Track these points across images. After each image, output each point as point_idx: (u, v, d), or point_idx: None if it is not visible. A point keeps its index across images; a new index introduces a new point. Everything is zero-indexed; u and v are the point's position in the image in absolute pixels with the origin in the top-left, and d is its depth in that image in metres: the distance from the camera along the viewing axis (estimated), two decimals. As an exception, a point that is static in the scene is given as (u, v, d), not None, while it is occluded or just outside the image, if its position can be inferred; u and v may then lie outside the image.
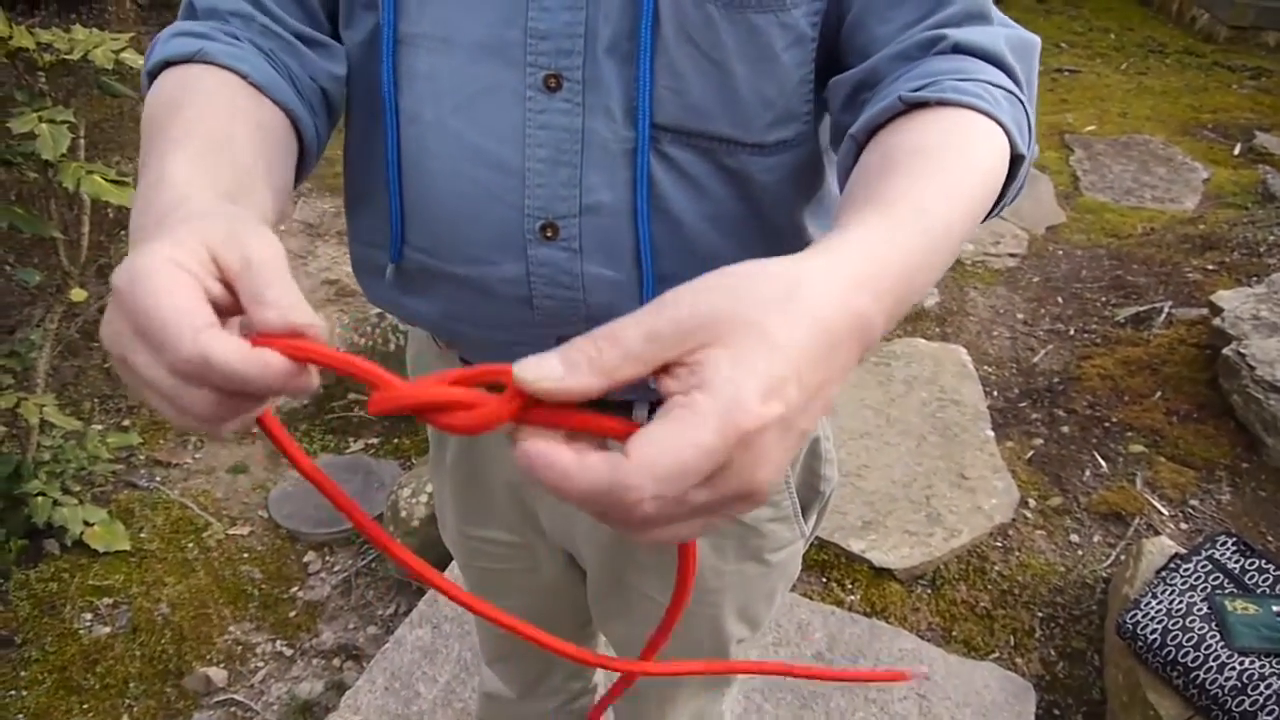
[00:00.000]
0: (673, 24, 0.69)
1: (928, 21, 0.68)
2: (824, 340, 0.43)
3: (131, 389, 0.48)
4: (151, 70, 0.68)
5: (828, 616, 2.07)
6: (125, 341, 0.45)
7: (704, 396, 0.40)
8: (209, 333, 0.44)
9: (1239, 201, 4.05)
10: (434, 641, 2.00)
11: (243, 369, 0.43)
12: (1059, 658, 2.05)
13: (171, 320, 0.43)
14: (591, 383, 0.41)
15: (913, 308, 0.52)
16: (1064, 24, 6.85)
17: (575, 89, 0.71)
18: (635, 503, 0.40)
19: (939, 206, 0.54)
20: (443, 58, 0.73)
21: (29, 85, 1.97)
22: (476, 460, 1.01)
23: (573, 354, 0.42)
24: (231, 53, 0.68)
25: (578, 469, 0.40)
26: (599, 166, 0.73)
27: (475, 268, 0.77)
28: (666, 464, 0.39)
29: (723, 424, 0.40)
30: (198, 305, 0.45)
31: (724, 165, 0.75)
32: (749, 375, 0.41)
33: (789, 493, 0.95)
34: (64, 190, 1.96)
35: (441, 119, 0.74)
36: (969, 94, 0.61)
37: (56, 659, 2.04)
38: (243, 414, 0.47)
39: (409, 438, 2.71)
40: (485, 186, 0.75)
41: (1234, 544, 1.96)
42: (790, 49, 0.71)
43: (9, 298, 2.86)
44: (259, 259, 0.47)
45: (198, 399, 0.45)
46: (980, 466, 2.49)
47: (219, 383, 0.44)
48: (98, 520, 2.28)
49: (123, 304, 0.45)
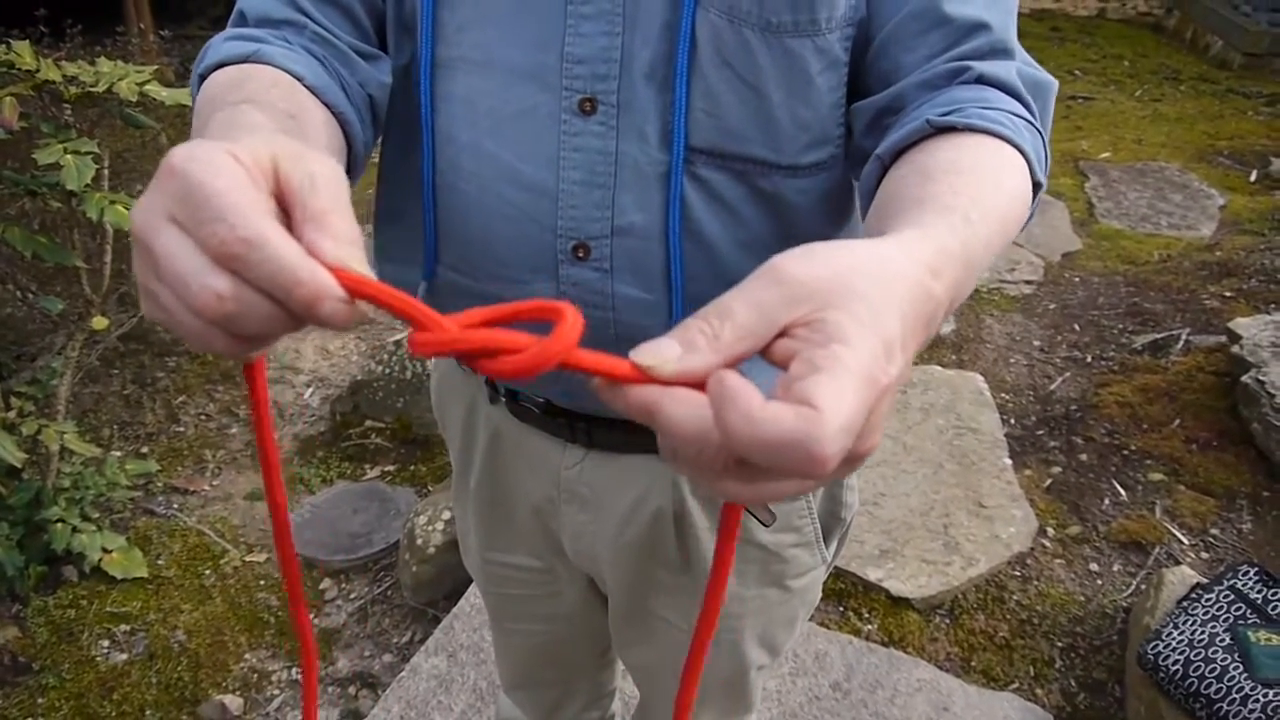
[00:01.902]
0: (710, 49, 0.70)
1: (953, 52, 0.69)
2: (910, 313, 0.44)
3: (141, 284, 0.44)
4: (203, 72, 0.68)
5: (845, 646, 2.06)
6: (157, 222, 0.42)
7: (845, 350, 0.39)
8: (270, 219, 0.41)
9: (1256, 228, 4.03)
10: (449, 670, 1.99)
11: (294, 266, 0.40)
12: (1080, 688, 2.03)
13: (231, 196, 0.40)
14: (711, 360, 0.41)
15: (957, 307, 0.54)
16: (1078, 51, 6.87)
17: (610, 112, 0.73)
18: (825, 459, 0.37)
19: (980, 221, 0.55)
20: (480, 81, 0.75)
21: (55, 117, 2.00)
22: (500, 484, 1.02)
23: (688, 334, 0.41)
24: (287, 55, 0.68)
25: (771, 415, 0.38)
26: (631, 189, 0.74)
27: (507, 286, 0.79)
28: (847, 414, 0.38)
29: (869, 377, 0.39)
30: (258, 192, 0.42)
31: (758, 188, 0.76)
32: (875, 334, 0.41)
33: (811, 518, 0.96)
34: (87, 220, 1.98)
35: (477, 141, 0.76)
36: (994, 121, 0.63)
37: (74, 686, 2.04)
38: (253, 332, 0.42)
39: (425, 465, 2.72)
40: (519, 207, 0.76)
41: (1256, 574, 1.94)
42: (825, 73, 0.72)
43: (31, 325, 2.89)
44: (324, 179, 0.44)
45: (220, 289, 0.40)
46: (998, 495, 2.47)
47: (257, 276, 0.40)
48: (116, 547, 2.29)
49: (173, 178, 0.42)
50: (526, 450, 0.96)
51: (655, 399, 0.40)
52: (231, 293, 0.40)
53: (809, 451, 0.37)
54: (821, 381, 0.38)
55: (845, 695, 1.94)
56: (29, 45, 1.96)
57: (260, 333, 0.42)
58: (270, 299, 0.41)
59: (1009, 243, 0.61)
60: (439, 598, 2.25)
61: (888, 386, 0.40)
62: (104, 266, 2.28)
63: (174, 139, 3.18)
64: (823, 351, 0.39)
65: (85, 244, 2.23)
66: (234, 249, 0.40)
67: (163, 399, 2.95)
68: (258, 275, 0.40)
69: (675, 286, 0.76)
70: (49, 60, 1.96)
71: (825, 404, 0.37)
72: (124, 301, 3.05)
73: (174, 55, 5.40)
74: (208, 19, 6.32)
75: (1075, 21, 7.68)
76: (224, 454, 2.78)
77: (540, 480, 0.96)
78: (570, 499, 0.95)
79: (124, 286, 2.92)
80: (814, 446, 0.37)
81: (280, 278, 0.40)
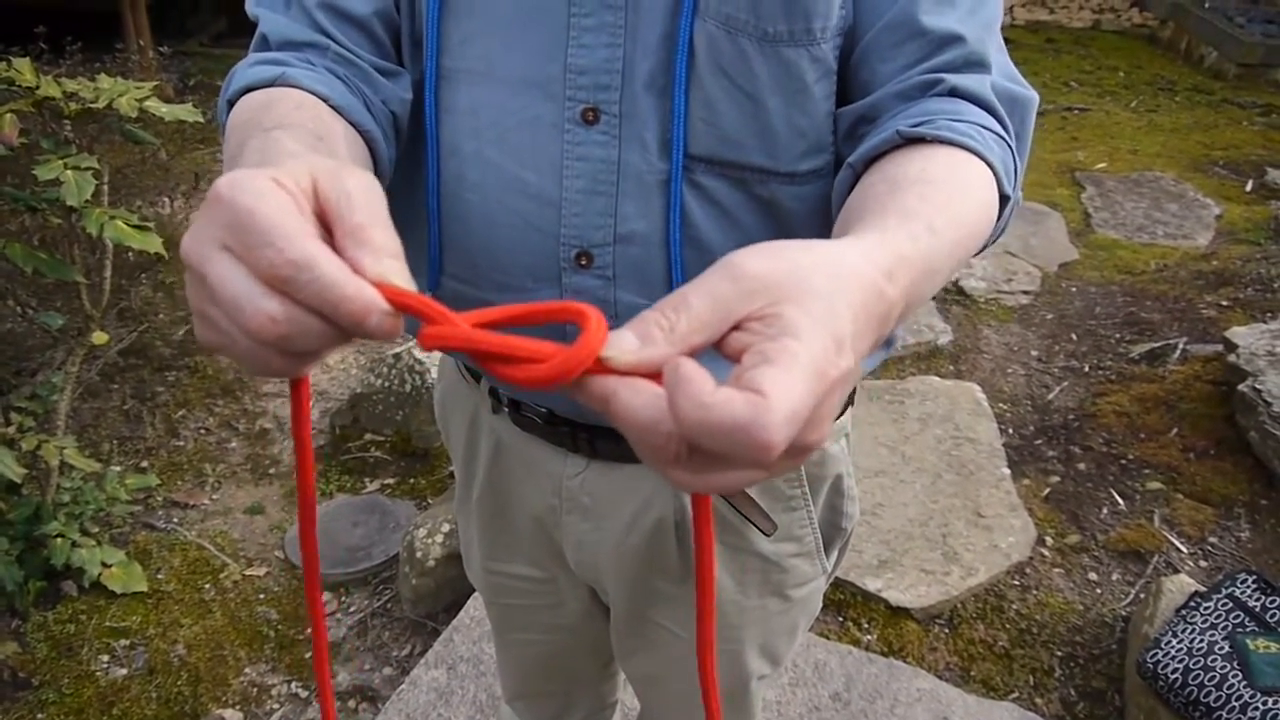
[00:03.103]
0: (707, 58, 0.71)
1: (929, 64, 0.70)
2: (863, 313, 0.46)
3: (195, 310, 0.46)
4: (231, 98, 0.69)
5: (845, 656, 2.06)
6: (208, 250, 0.43)
7: (796, 343, 0.41)
8: (316, 241, 0.42)
9: (1251, 238, 4.05)
10: (449, 683, 1.99)
11: (341, 284, 0.42)
12: (1079, 698, 2.03)
13: (278, 220, 0.42)
14: (668, 352, 0.42)
15: (913, 314, 0.56)
16: (1073, 62, 6.90)
17: (612, 122, 0.74)
18: (771, 445, 0.39)
19: (945, 229, 0.56)
20: (484, 92, 0.76)
21: (55, 133, 2.01)
22: (503, 494, 1.02)
23: (645, 327, 0.43)
24: (312, 76, 0.70)
25: (721, 399, 0.39)
26: (633, 197, 0.75)
27: (511, 295, 0.79)
28: (794, 403, 0.39)
29: (819, 371, 0.41)
30: (302, 215, 0.44)
31: (756, 195, 0.77)
32: (826, 329, 0.42)
33: (812, 527, 0.96)
34: (87, 235, 1.99)
35: (480, 151, 0.77)
36: (962, 134, 0.64)
37: (73, 701, 2.04)
38: (305, 349, 0.44)
39: (424, 478, 2.72)
40: (523, 216, 0.77)
41: (1254, 582, 1.95)
42: (820, 81, 0.73)
43: (31, 341, 2.90)
44: (360, 194, 0.46)
45: (272, 312, 0.42)
46: (996, 504, 2.47)
47: (307, 296, 0.42)
48: (115, 561, 2.29)
49: (221, 205, 0.43)
50: (529, 460, 0.96)
51: (611, 389, 0.42)
52: (284, 314, 0.42)
53: (755, 437, 0.38)
54: (771, 372, 0.40)
55: (845, 705, 1.94)
56: (29, 62, 1.97)
57: (312, 349, 0.44)
58: (321, 317, 0.43)
59: (974, 252, 0.63)
60: (439, 610, 2.25)
61: (836, 380, 0.42)
62: (104, 282, 2.29)
63: (173, 154, 3.20)
64: (774, 345, 0.41)
65: (85, 259, 2.24)
66: (284, 271, 0.42)
67: (162, 413, 2.96)
68: (307, 295, 0.42)
69: None
70: (49, 77, 1.97)
71: (773, 392, 0.39)
72: (123, 316, 3.06)
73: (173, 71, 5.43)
74: (207, 35, 6.36)
75: (1070, 33, 7.72)
76: (224, 468, 2.78)
77: (542, 490, 0.97)
78: (572, 509, 0.96)
79: (123, 301, 2.93)
80: (760, 432, 0.38)
81: (329, 295, 0.42)
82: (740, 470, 0.42)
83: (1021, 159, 0.71)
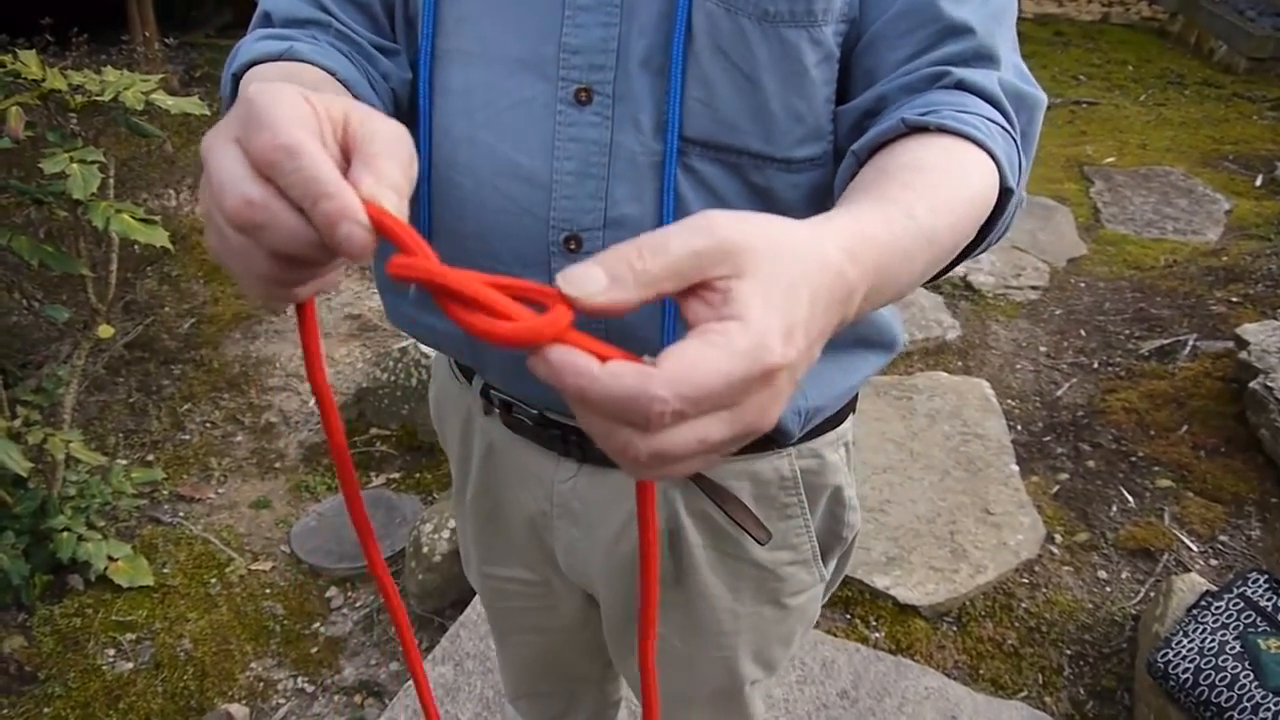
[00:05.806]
0: (705, 37, 0.70)
1: (936, 54, 0.69)
2: (822, 297, 0.45)
3: (203, 212, 0.48)
4: (237, 71, 0.69)
5: (852, 654, 2.05)
6: (219, 140, 0.45)
7: (739, 327, 0.41)
8: (315, 140, 0.44)
9: (1262, 233, 4.02)
10: (456, 679, 1.98)
11: (325, 179, 0.42)
12: (1089, 696, 2.02)
13: (284, 114, 0.44)
14: (634, 295, 0.42)
15: (889, 299, 0.55)
16: (1082, 56, 6.86)
17: (605, 102, 0.73)
18: (658, 414, 0.39)
19: (926, 215, 0.56)
20: (477, 72, 0.75)
21: (61, 126, 2.00)
22: (496, 497, 1.02)
23: (616, 266, 0.42)
24: (318, 51, 0.70)
25: (605, 374, 0.40)
26: (625, 179, 0.74)
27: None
28: (696, 381, 0.39)
29: (754, 358, 0.40)
30: (314, 124, 0.45)
31: (750, 181, 0.75)
32: (777, 315, 0.42)
33: (809, 536, 0.95)
34: (93, 228, 1.98)
35: (472, 133, 0.76)
36: (966, 124, 0.63)
37: (79, 695, 2.04)
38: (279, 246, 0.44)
39: (430, 472, 2.72)
40: (513, 198, 0.76)
41: (1266, 581, 1.93)
42: (820, 65, 0.72)
43: (37, 334, 2.89)
44: (388, 135, 0.47)
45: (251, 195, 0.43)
46: (1005, 502, 2.46)
47: (290, 184, 0.43)
48: (121, 555, 2.29)
49: (244, 103, 0.45)
50: (520, 464, 0.95)
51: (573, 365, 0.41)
52: (261, 199, 0.43)
53: (643, 408, 0.39)
54: (688, 348, 0.40)
55: (853, 703, 1.94)
56: (35, 54, 1.96)
57: (288, 250, 0.44)
58: (300, 214, 0.43)
59: (966, 239, 0.62)
60: (445, 606, 2.25)
61: (778, 366, 0.41)
62: (110, 275, 2.28)
63: (179, 147, 3.19)
64: (717, 325, 0.41)
65: (91, 252, 2.23)
66: (272, 155, 0.43)
67: (168, 407, 2.95)
68: (290, 183, 0.43)
69: None
70: (55, 69, 1.96)
71: (672, 367, 0.39)
72: (129, 310, 3.06)
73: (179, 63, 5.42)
74: (213, 27, 6.34)
75: (1079, 26, 7.67)
76: (229, 462, 2.77)
77: (534, 494, 0.96)
78: (563, 514, 0.95)
79: (129, 295, 2.93)
80: (646, 404, 0.39)
81: (310, 188, 0.42)
82: (683, 453, 0.41)
83: (1027, 157, 0.70)
